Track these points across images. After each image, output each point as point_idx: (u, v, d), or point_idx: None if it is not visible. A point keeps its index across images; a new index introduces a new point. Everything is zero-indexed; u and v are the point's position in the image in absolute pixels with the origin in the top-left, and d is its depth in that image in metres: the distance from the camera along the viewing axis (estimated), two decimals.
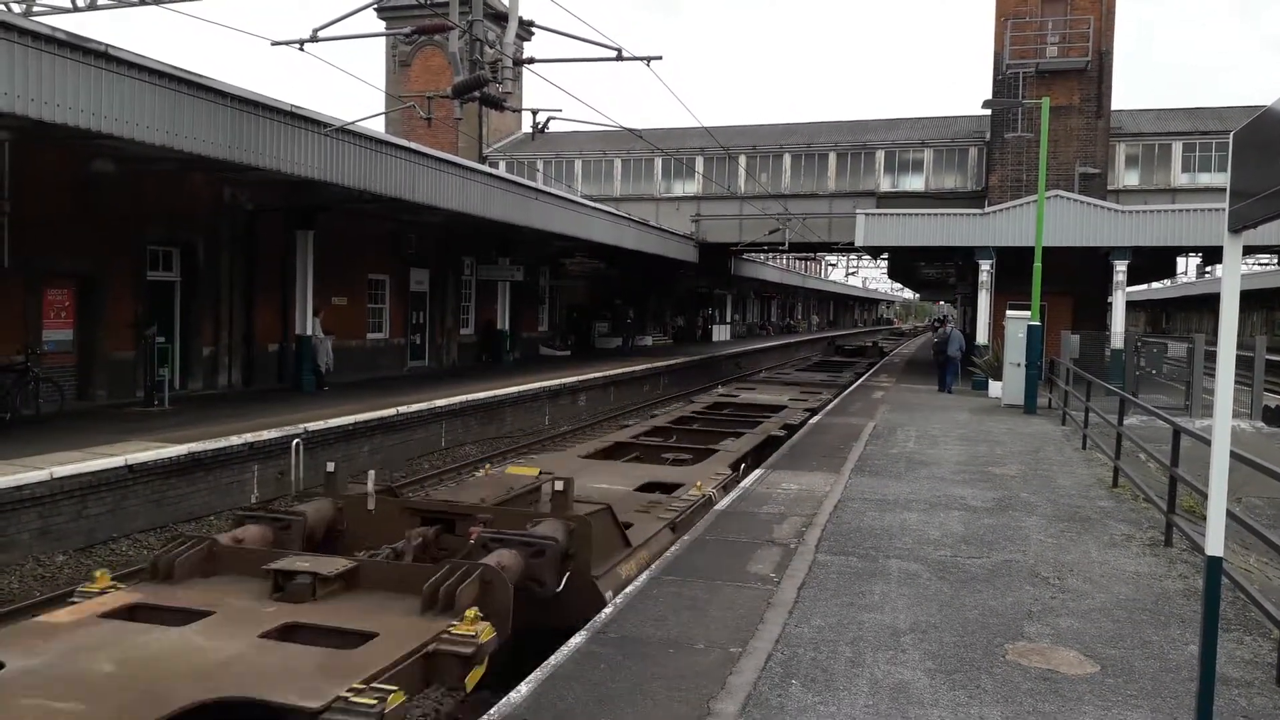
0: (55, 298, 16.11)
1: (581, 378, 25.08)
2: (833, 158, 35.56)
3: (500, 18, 20.27)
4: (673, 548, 8.13)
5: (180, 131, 13.09)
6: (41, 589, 9.80)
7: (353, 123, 16.42)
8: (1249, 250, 31.78)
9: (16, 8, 16.04)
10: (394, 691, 4.60)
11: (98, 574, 6.19)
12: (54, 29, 11.23)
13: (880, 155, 34.99)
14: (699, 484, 10.60)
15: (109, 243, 16.68)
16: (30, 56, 10.81)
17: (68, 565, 10.54)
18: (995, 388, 21.85)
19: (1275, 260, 49.02)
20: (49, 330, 15.95)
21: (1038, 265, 20.22)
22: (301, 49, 14.40)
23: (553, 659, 5.56)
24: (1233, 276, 4.22)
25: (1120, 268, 24.34)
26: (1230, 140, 4.21)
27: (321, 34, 14.41)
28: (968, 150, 33.85)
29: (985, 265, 24.98)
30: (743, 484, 11.00)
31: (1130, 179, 32.52)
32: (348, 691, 4.55)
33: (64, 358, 16.19)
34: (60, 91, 11.24)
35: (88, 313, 16.55)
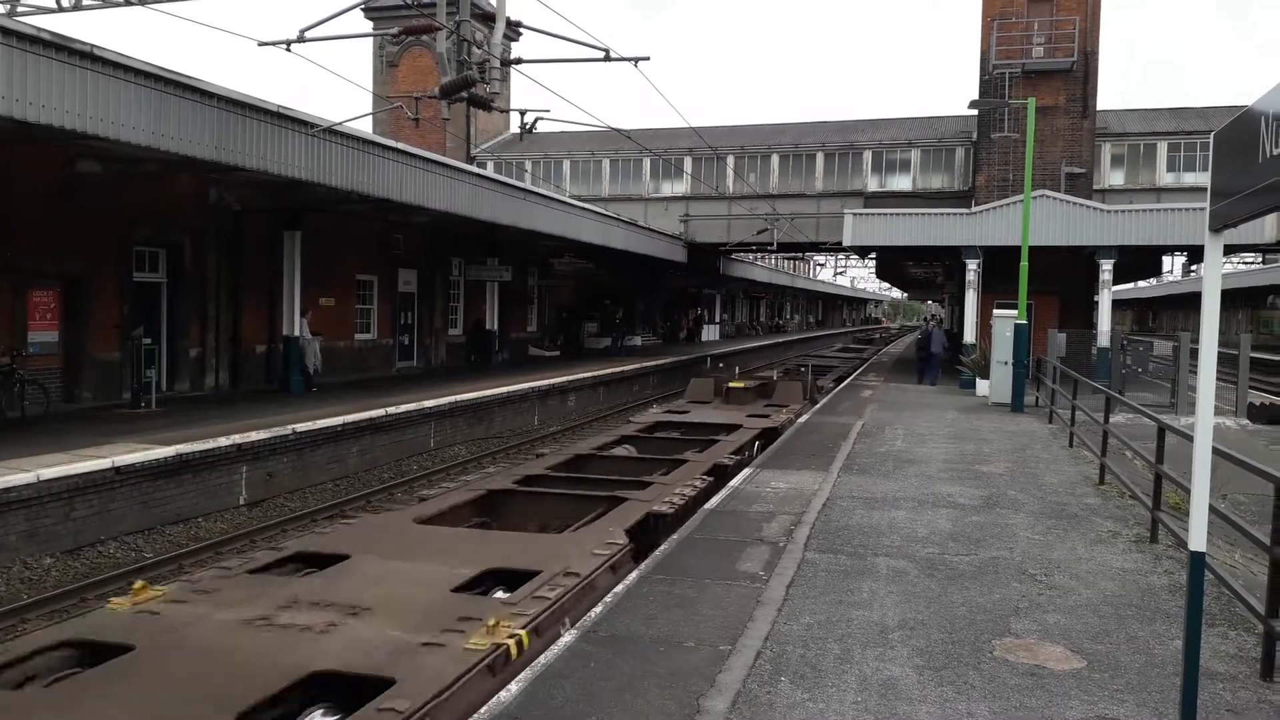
0: (41, 299, 16.02)
1: (570, 378, 25.10)
2: (820, 158, 35.64)
3: (488, 18, 20.26)
4: (662, 546, 8.15)
5: (166, 132, 13.04)
6: (29, 592, 9.76)
7: (340, 123, 16.39)
8: (1232, 249, 32.02)
9: (1, 8, 15.95)
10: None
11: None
12: (39, 29, 11.18)
13: (868, 155, 35.08)
14: None
15: (95, 244, 16.60)
16: (15, 57, 10.76)
17: (55, 568, 10.49)
18: (983, 386, 21.94)
19: (1259, 259, 49.44)
20: (34, 332, 15.86)
21: (1024, 264, 20.31)
22: (288, 49, 14.37)
23: (542, 658, 5.57)
24: (1214, 275, 4.26)
25: (1106, 267, 24.49)
26: (1211, 140, 4.26)
27: (308, 34, 14.39)
28: (954, 150, 33.98)
29: (972, 265, 25.10)
30: (732, 483, 11.03)
31: (1116, 179, 32.71)
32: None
33: (50, 360, 16.09)
34: (45, 92, 11.18)
35: (73, 314, 16.47)
